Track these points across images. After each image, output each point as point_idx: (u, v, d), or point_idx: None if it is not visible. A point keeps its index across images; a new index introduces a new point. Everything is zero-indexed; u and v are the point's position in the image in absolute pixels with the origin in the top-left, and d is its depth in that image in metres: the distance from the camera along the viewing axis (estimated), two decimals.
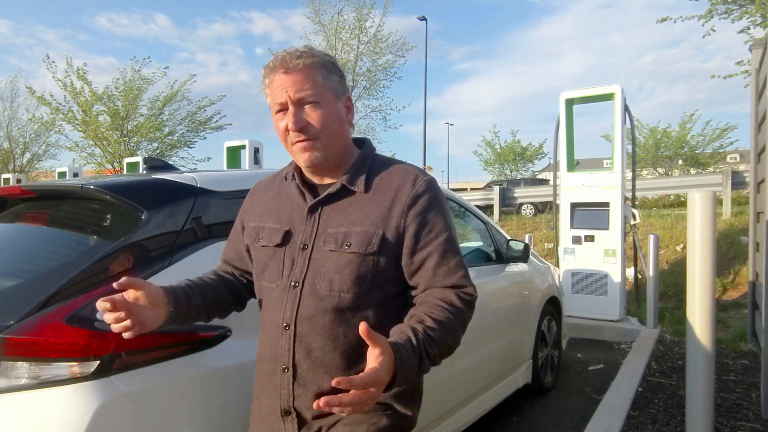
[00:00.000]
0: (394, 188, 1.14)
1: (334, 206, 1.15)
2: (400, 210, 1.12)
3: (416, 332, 1.01)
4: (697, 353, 2.17)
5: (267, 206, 1.25)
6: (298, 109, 1.10)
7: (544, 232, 9.18)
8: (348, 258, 1.10)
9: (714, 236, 2.12)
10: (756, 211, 4.11)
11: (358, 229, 1.11)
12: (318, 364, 1.12)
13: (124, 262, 1.47)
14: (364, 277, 1.10)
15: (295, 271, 1.14)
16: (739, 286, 6.23)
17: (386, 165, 1.20)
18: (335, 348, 1.11)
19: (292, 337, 1.12)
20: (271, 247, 1.18)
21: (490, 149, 23.32)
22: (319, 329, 1.11)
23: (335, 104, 1.14)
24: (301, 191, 1.19)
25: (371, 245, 1.10)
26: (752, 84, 4.15)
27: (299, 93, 1.09)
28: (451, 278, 1.12)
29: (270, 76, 1.13)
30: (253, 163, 8.74)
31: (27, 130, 20.96)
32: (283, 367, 1.14)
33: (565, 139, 5.50)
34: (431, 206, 1.14)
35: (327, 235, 1.13)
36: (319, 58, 1.12)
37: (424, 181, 1.15)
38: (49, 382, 1.25)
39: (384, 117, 16.56)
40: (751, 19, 8.99)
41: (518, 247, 3.30)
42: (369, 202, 1.14)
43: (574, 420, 3.19)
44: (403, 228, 1.12)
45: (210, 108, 16.47)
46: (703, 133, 20.30)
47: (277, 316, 1.15)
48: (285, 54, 1.11)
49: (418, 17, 21.07)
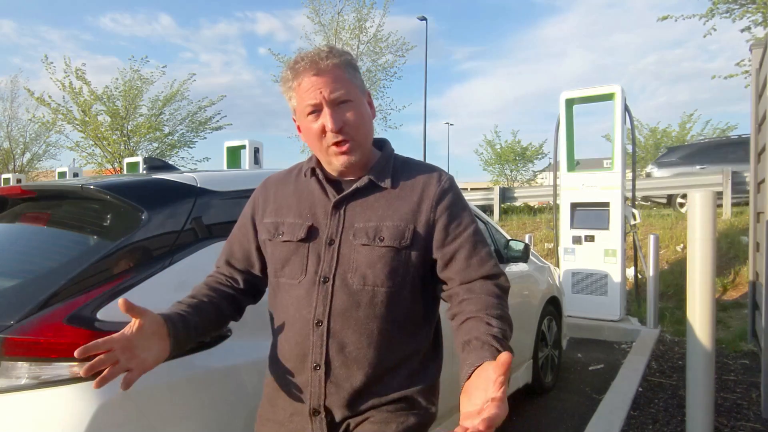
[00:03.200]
0: (420, 185, 1.16)
1: (360, 202, 1.15)
2: (429, 205, 1.14)
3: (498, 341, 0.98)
4: (697, 353, 2.17)
5: (285, 201, 1.22)
6: (334, 110, 1.10)
7: (544, 232, 9.18)
8: (381, 252, 1.10)
9: (714, 236, 2.12)
10: (756, 211, 4.11)
11: (388, 223, 1.12)
12: (351, 361, 1.10)
13: (125, 262, 1.47)
14: (396, 271, 1.11)
15: (323, 266, 1.12)
16: (740, 286, 6.22)
17: (408, 164, 1.23)
18: (369, 344, 1.10)
19: (325, 334, 1.10)
20: (294, 242, 1.16)
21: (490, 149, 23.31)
22: (352, 324, 1.10)
23: (363, 102, 1.16)
24: (323, 187, 1.18)
25: (404, 239, 1.11)
26: (752, 84, 4.15)
27: (334, 93, 1.09)
28: (484, 268, 1.13)
29: (298, 79, 1.11)
30: (253, 163, 8.74)
31: (27, 130, 20.96)
32: (314, 365, 1.11)
33: (565, 139, 5.50)
34: (457, 201, 1.17)
35: (356, 229, 1.12)
36: (344, 57, 1.13)
37: (447, 178, 1.19)
38: (50, 382, 1.25)
39: (384, 117, 16.55)
40: (752, 18, 8.99)
41: (518, 247, 3.30)
42: (396, 198, 1.15)
43: (574, 420, 3.19)
44: (433, 221, 1.14)
45: (210, 108, 16.49)
46: (703, 133, 20.31)
47: (305, 312, 1.11)
48: (313, 55, 1.11)
49: (418, 17, 21.11)
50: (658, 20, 9.70)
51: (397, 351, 1.13)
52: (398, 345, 1.13)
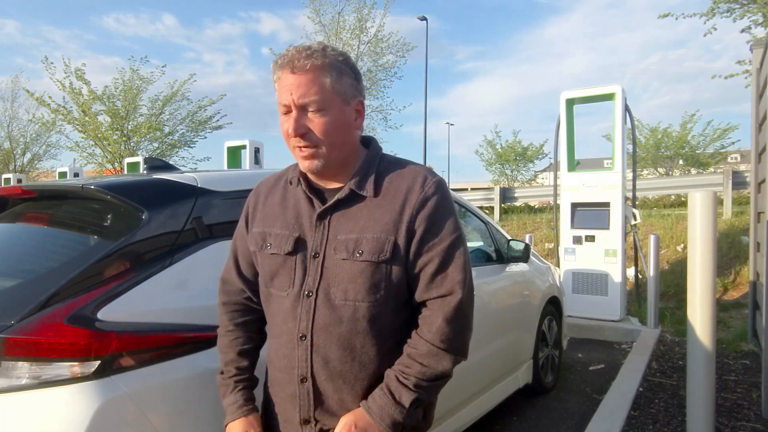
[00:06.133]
0: (403, 191, 1.11)
1: (344, 212, 1.12)
2: (410, 214, 1.09)
3: (388, 379, 1.10)
4: (697, 353, 2.16)
5: (272, 210, 1.20)
6: (300, 114, 1.07)
7: (544, 232, 9.18)
8: (361, 266, 1.07)
9: (715, 236, 2.12)
10: (757, 211, 4.11)
11: (369, 235, 1.08)
12: (336, 375, 1.10)
13: (125, 263, 1.47)
14: (378, 286, 1.08)
15: (308, 279, 1.11)
16: (740, 286, 6.22)
17: (394, 166, 1.16)
18: (353, 358, 1.09)
19: (309, 348, 1.09)
20: (281, 255, 1.14)
21: (491, 149, 23.30)
22: (335, 339, 1.09)
23: (342, 110, 1.10)
24: (308, 197, 1.15)
25: (384, 252, 1.07)
26: (753, 84, 4.14)
27: (303, 98, 1.05)
28: (444, 286, 1.10)
29: (278, 73, 1.09)
30: (253, 163, 8.74)
31: (28, 130, 20.95)
32: (301, 377, 1.11)
33: (566, 139, 5.50)
34: (438, 209, 1.11)
35: (338, 242, 1.10)
36: (330, 59, 1.07)
37: (432, 183, 1.13)
38: (50, 382, 1.25)
39: (385, 117, 16.56)
40: (753, 18, 8.98)
41: (519, 247, 3.30)
42: (378, 207, 1.10)
43: (575, 420, 3.19)
44: (413, 231, 1.09)
45: (211, 107, 16.47)
46: (704, 133, 20.31)
47: (290, 325, 1.11)
48: (294, 51, 1.06)
49: (418, 17, 21.11)
50: (659, 18, 9.72)
51: (383, 365, 1.12)
52: (384, 359, 1.11)
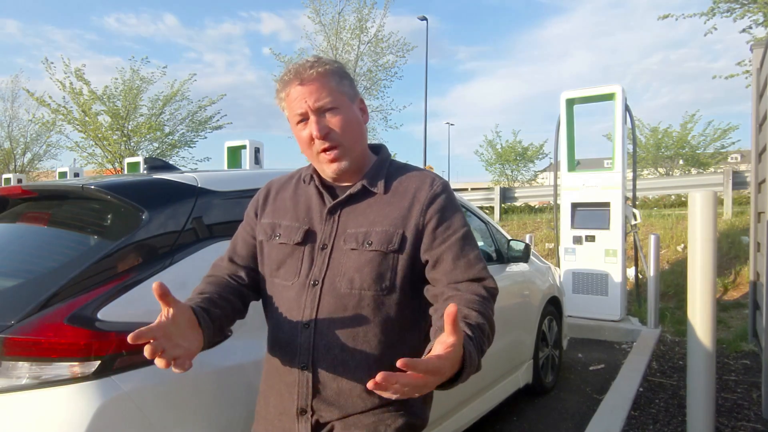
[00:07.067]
0: (412, 190, 1.18)
1: (354, 207, 1.18)
2: (419, 209, 1.15)
3: (473, 329, 0.98)
4: (697, 353, 2.17)
5: (282, 204, 1.26)
6: (319, 117, 1.13)
7: (544, 232, 9.18)
8: (369, 256, 1.12)
9: (715, 236, 2.12)
10: (757, 211, 4.11)
11: (378, 228, 1.13)
12: (338, 363, 1.12)
13: (125, 262, 1.47)
14: (383, 276, 1.12)
15: (314, 270, 1.15)
16: (740, 286, 6.22)
17: (403, 170, 1.24)
18: (355, 347, 1.12)
19: (312, 336, 1.12)
20: (290, 245, 1.19)
21: (491, 149, 23.30)
22: (339, 327, 1.12)
23: (351, 107, 1.18)
24: (319, 192, 1.21)
25: (392, 243, 1.12)
26: (753, 84, 4.14)
27: (318, 102, 1.13)
28: (471, 270, 1.13)
29: (286, 90, 1.16)
30: (253, 163, 8.75)
31: (28, 130, 20.95)
32: (302, 365, 1.13)
33: (566, 139, 5.50)
34: (448, 205, 1.17)
35: (347, 234, 1.15)
36: (330, 66, 1.16)
37: (440, 183, 1.21)
38: (50, 382, 1.25)
39: (385, 117, 16.56)
40: (753, 18, 8.98)
41: (519, 247, 3.30)
42: (388, 204, 1.17)
43: (575, 420, 3.19)
44: (423, 225, 1.14)
45: (211, 107, 16.47)
46: (705, 134, 20.28)
47: (294, 314, 1.14)
48: (297, 66, 1.15)
49: (418, 17, 21.13)
50: (659, 18, 9.71)
51: (384, 355, 1.13)
52: (386, 349, 1.13)
